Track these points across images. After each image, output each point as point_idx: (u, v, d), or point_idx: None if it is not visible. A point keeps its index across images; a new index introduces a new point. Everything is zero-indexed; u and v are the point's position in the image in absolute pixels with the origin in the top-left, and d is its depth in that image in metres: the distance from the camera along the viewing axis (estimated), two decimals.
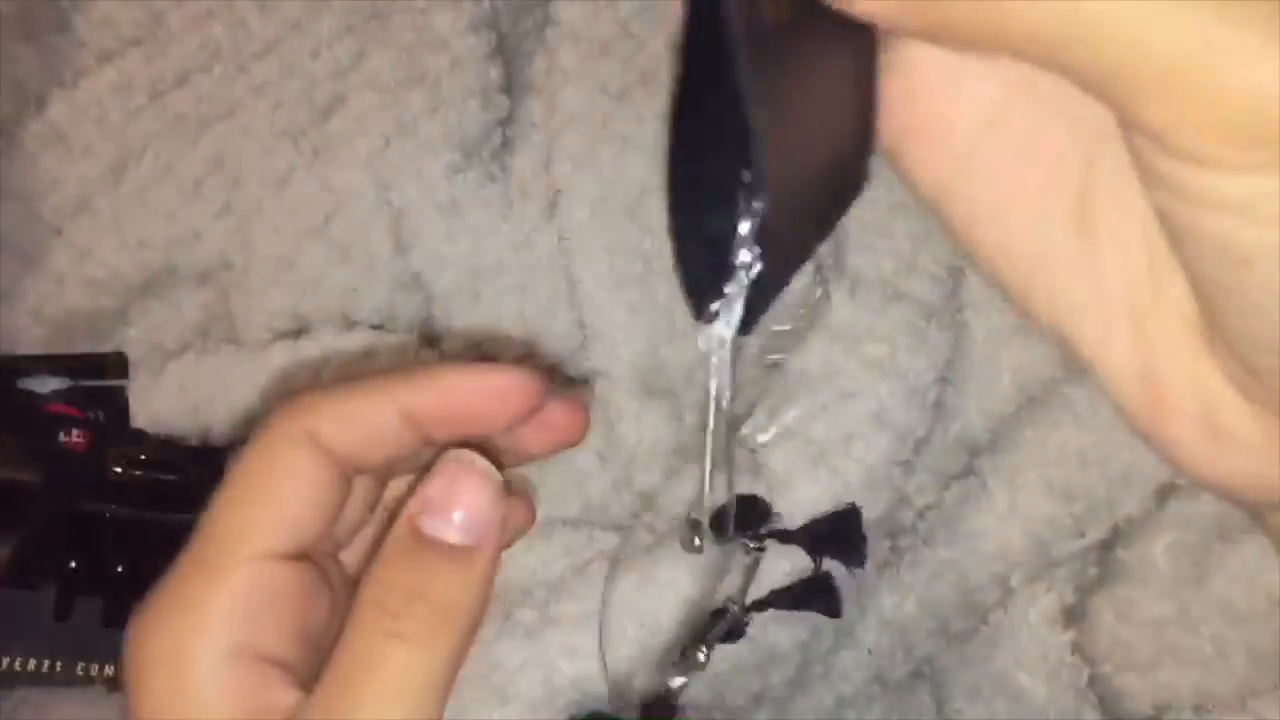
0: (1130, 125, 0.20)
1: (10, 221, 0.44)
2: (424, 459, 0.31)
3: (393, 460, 0.31)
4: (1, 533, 0.41)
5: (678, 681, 0.35)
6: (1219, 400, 0.22)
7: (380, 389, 0.30)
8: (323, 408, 0.30)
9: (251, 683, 0.28)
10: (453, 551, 0.29)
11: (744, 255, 0.21)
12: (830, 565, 0.41)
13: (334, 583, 0.31)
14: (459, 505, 0.29)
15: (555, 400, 0.32)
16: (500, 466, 0.30)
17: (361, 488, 0.32)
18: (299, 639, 0.29)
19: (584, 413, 0.34)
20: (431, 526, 0.29)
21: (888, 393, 0.42)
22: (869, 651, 0.42)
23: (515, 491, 0.31)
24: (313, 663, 0.29)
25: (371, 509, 0.33)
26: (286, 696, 0.28)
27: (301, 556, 0.30)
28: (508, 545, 0.33)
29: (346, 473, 0.30)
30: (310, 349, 0.43)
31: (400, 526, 0.29)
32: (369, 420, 0.30)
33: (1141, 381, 0.23)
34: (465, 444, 0.30)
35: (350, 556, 0.33)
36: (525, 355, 0.45)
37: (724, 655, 0.42)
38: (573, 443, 0.34)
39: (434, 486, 0.29)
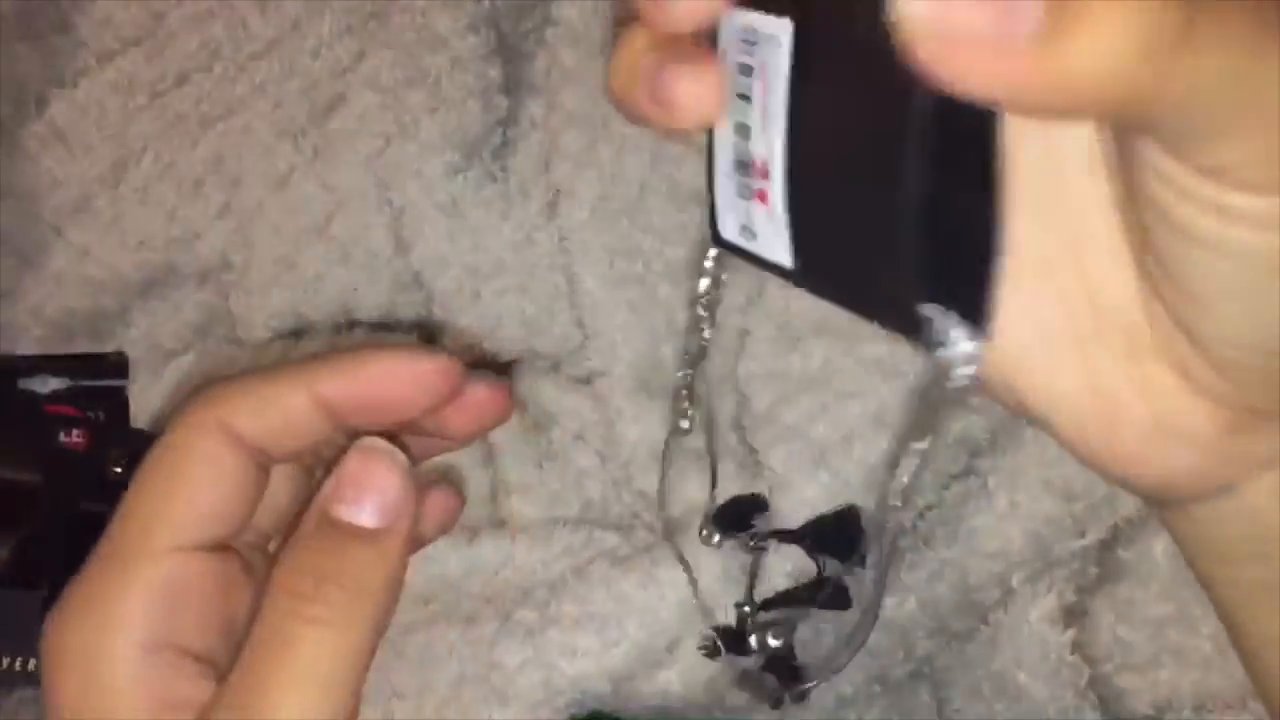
0: (1177, 158, 0.20)
1: (10, 221, 0.44)
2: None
3: (310, 448, 0.31)
4: (1, 533, 0.41)
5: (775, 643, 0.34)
6: (1170, 404, 0.23)
7: (293, 376, 0.30)
8: (234, 396, 0.30)
9: (166, 677, 0.28)
10: (363, 534, 0.29)
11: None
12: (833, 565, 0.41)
13: (259, 575, 0.31)
14: (369, 488, 0.29)
15: (476, 382, 0.32)
16: (413, 458, 0.30)
17: (286, 478, 0.32)
18: (218, 631, 0.29)
19: (505, 393, 0.33)
20: (342, 511, 0.29)
21: (889, 393, 0.42)
22: (868, 652, 0.42)
23: (441, 481, 0.32)
24: (234, 656, 0.29)
25: (300, 500, 0.32)
26: (203, 690, 0.28)
27: (220, 547, 0.30)
28: (433, 538, 0.34)
29: (262, 462, 0.30)
30: (311, 349, 0.43)
31: (311, 512, 0.29)
32: (281, 408, 0.30)
33: (1093, 400, 0.24)
34: (379, 433, 0.30)
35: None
36: (526, 354, 0.45)
37: (724, 656, 0.42)
38: (496, 424, 0.34)
39: (344, 471, 0.29)
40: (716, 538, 0.38)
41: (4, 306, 0.44)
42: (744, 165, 0.24)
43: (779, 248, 0.24)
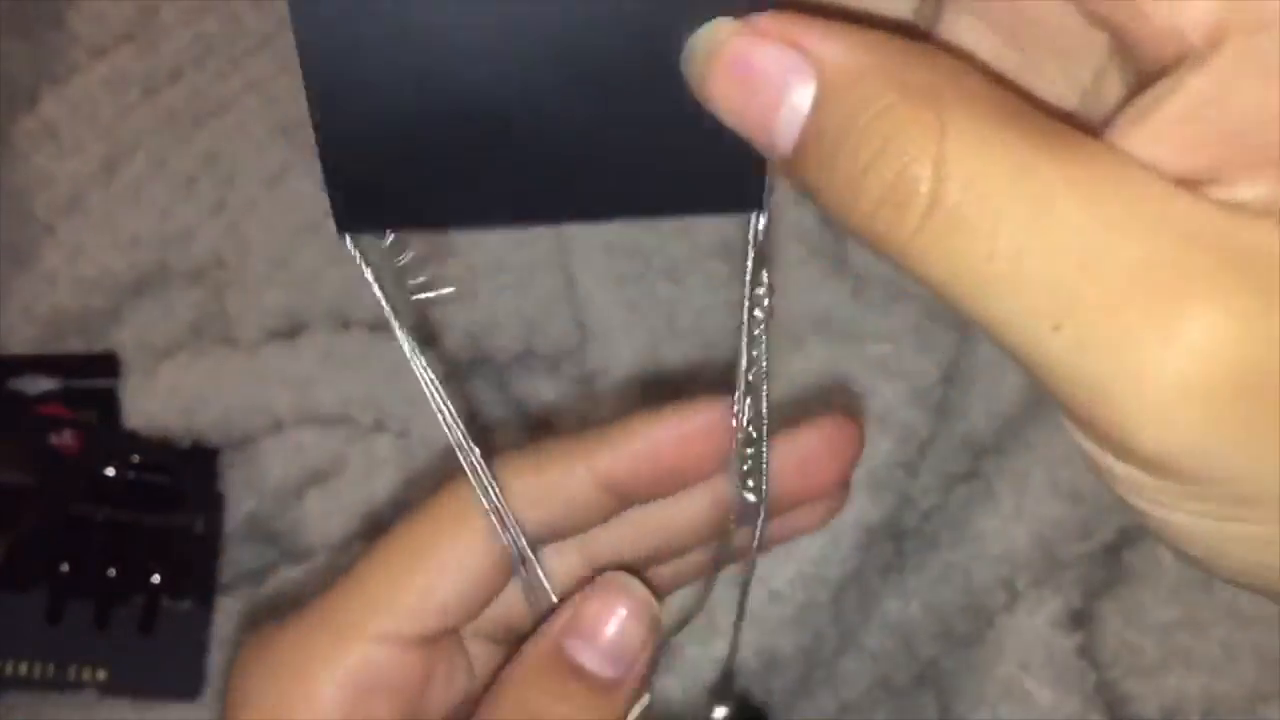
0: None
1: (1, 219, 0.44)
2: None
3: (586, 528, 0.29)
4: None
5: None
6: None
7: (569, 452, 0.28)
8: (509, 477, 0.28)
9: None
10: (595, 682, 0.27)
11: None
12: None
13: (471, 664, 0.29)
14: (609, 632, 0.27)
15: (806, 430, 0.30)
16: (658, 591, 0.28)
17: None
18: None
19: (855, 429, 0.30)
20: (575, 649, 0.27)
21: (892, 393, 0.42)
22: (872, 656, 0.42)
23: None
24: None
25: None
26: None
27: (437, 637, 0.28)
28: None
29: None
30: (305, 348, 0.43)
31: (542, 642, 0.27)
32: (563, 489, 0.28)
33: None
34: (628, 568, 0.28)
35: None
36: (525, 354, 0.44)
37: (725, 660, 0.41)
38: (843, 475, 0.30)
39: (588, 608, 0.27)
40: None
41: None
42: None
43: None
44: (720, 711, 0.31)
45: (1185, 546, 0.20)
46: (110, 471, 0.42)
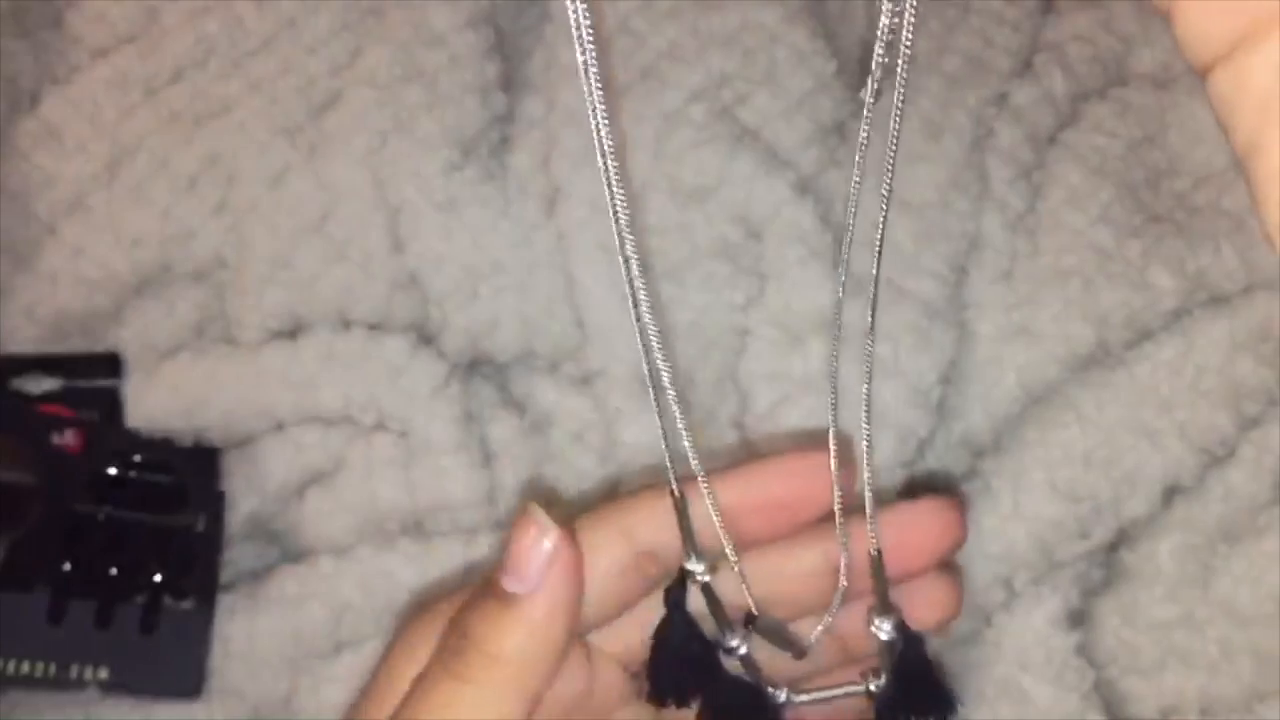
0: None
1: (3, 220, 0.44)
2: None
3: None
4: None
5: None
6: None
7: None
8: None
9: None
10: (505, 598, 0.29)
11: None
12: None
13: (591, 673, 0.33)
14: (512, 554, 0.30)
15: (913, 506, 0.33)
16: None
17: None
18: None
19: (957, 514, 0.33)
20: (498, 575, 0.30)
21: (890, 393, 0.42)
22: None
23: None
24: None
25: None
26: None
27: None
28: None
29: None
30: (307, 348, 0.43)
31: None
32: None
33: None
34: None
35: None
36: (525, 354, 0.44)
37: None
38: (939, 558, 0.33)
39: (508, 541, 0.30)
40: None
41: None
42: None
43: None
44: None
45: None
46: (112, 471, 0.42)
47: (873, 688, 0.34)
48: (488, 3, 0.45)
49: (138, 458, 0.42)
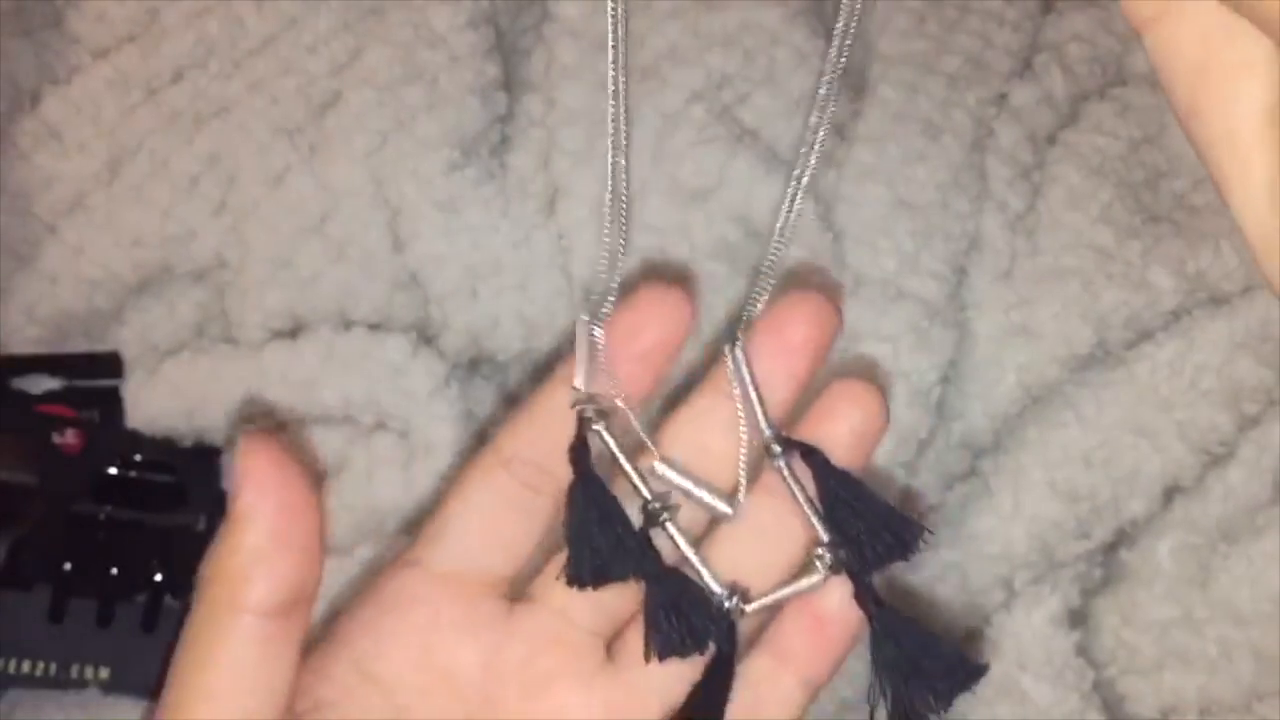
0: None
1: (4, 219, 0.44)
2: None
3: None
4: None
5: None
6: None
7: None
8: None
9: None
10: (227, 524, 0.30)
11: None
12: None
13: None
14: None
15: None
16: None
17: None
18: None
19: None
20: None
21: (890, 393, 0.42)
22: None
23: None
24: None
25: None
26: None
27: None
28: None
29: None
30: (307, 348, 0.43)
31: None
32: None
33: None
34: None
35: None
36: (525, 353, 0.44)
37: None
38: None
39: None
40: None
41: None
42: None
43: None
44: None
45: None
46: (113, 470, 0.42)
47: (821, 553, 0.32)
48: (488, 3, 0.45)
49: (138, 457, 0.42)
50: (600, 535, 0.31)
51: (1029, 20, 0.45)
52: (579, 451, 0.32)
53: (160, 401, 0.43)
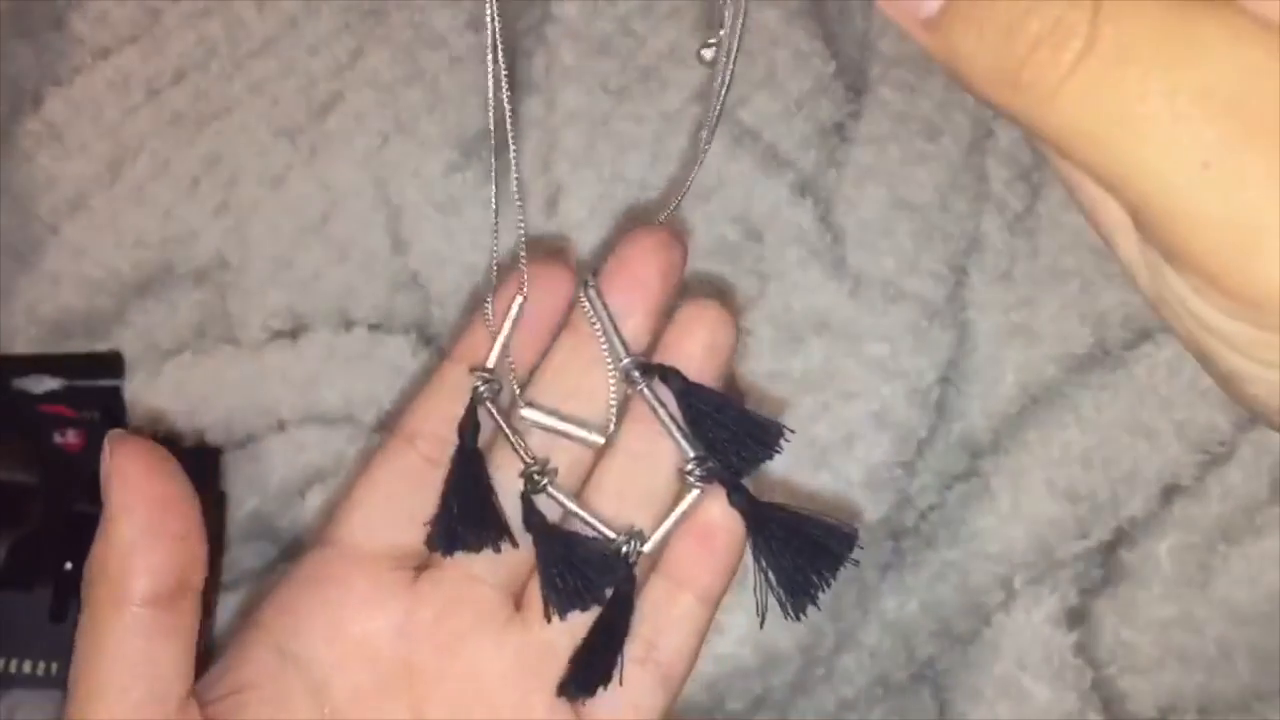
0: (1154, 244, 0.21)
1: (5, 220, 0.44)
2: None
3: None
4: None
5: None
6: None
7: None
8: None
9: None
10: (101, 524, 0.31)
11: None
12: None
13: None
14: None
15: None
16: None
17: None
18: None
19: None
20: None
21: (890, 393, 0.42)
22: (870, 654, 0.42)
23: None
24: None
25: None
26: None
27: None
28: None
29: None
30: (308, 348, 0.43)
31: None
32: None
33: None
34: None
35: None
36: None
37: (724, 657, 0.41)
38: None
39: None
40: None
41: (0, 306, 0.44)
42: None
43: None
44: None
45: None
46: None
47: (691, 469, 0.33)
48: (488, 3, 0.45)
49: None
50: (461, 505, 0.33)
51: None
52: (466, 424, 0.33)
53: (162, 401, 0.43)
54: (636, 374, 0.33)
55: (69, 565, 0.41)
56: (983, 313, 0.43)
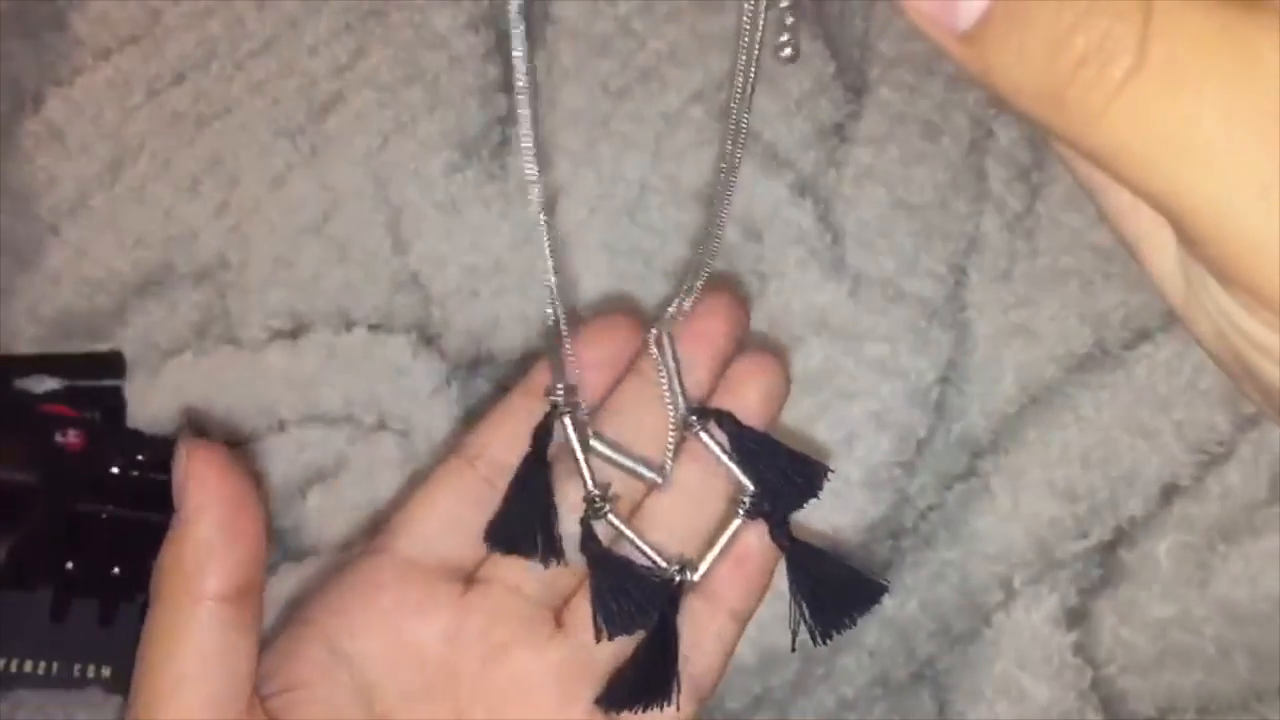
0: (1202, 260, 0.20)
1: (6, 220, 0.44)
2: None
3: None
4: None
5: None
6: None
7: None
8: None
9: None
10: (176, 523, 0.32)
11: None
12: None
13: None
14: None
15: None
16: None
17: None
18: None
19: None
20: None
21: (889, 393, 0.42)
22: (870, 653, 0.42)
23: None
24: None
25: None
26: None
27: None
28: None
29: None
30: (308, 348, 0.43)
31: None
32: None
33: None
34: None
35: None
36: (526, 354, 0.44)
37: None
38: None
39: None
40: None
41: (0, 306, 0.44)
42: None
43: None
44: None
45: None
46: (115, 470, 0.42)
47: (746, 501, 0.35)
48: (488, 4, 0.45)
49: (140, 457, 0.43)
50: (523, 511, 0.35)
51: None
52: (540, 433, 0.35)
53: (162, 401, 0.43)
54: (694, 419, 0.35)
55: (70, 565, 0.41)
56: (982, 313, 0.43)
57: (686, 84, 0.44)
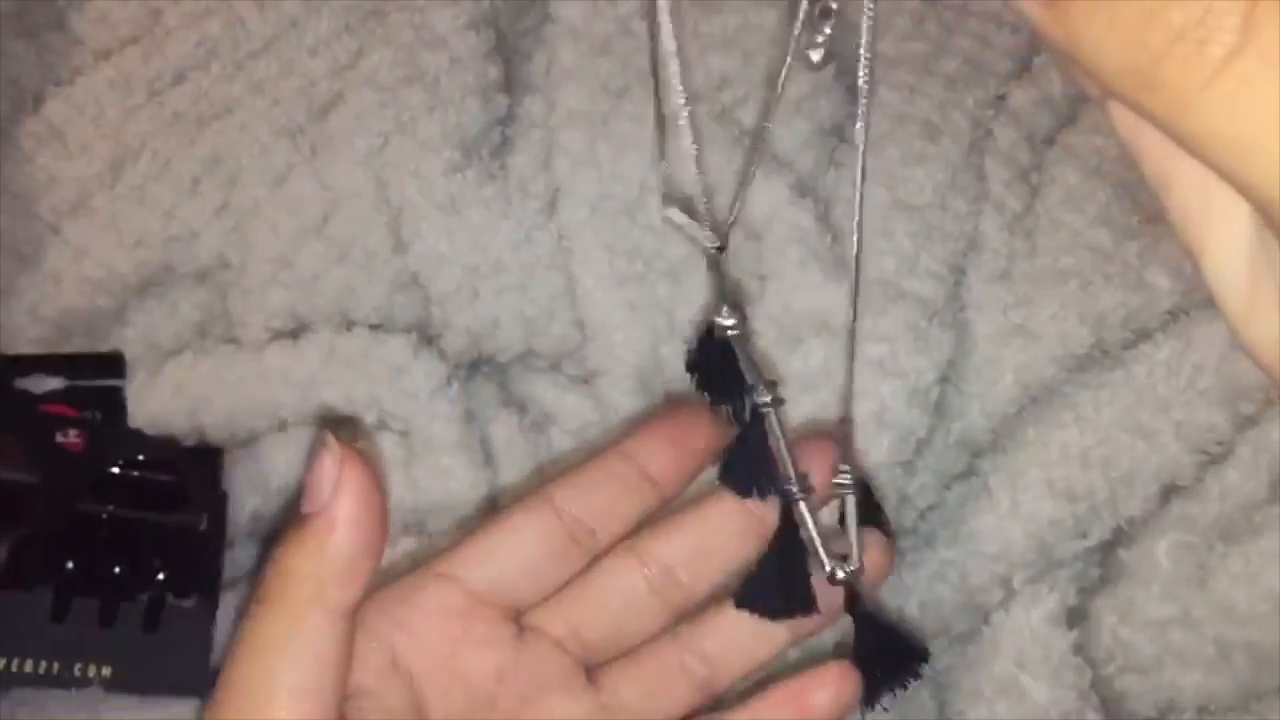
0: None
1: (6, 220, 0.44)
2: None
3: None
4: None
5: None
6: None
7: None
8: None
9: None
10: (299, 519, 0.32)
11: None
12: None
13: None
14: (306, 478, 0.32)
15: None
16: None
17: None
18: None
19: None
20: (301, 504, 0.33)
21: (889, 393, 0.42)
22: None
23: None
24: None
25: None
26: None
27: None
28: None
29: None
30: (309, 348, 0.43)
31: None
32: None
33: None
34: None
35: None
36: (526, 354, 0.45)
37: None
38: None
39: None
40: None
41: (0, 306, 0.44)
42: None
43: None
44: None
45: None
46: (115, 470, 0.42)
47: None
48: (489, 4, 0.45)
49: (141, 457, 0.43)
50: (781, 577, 0.38)
51: (1028, 22, 0.45)
52: (787, 515, 0.38)
53: (162, 401, 0.43)
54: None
55: (70, 564, 0.41)
56: (982, 313, 0.43)
57: (686, 84, 0.44)
